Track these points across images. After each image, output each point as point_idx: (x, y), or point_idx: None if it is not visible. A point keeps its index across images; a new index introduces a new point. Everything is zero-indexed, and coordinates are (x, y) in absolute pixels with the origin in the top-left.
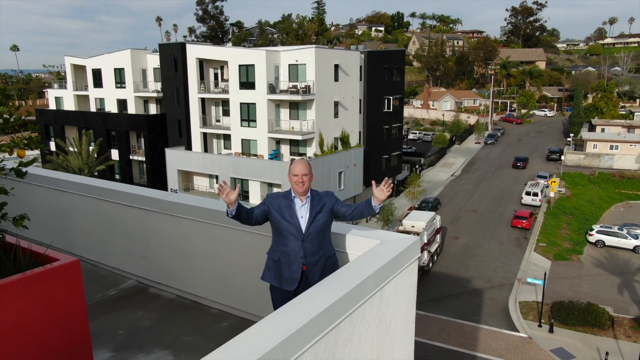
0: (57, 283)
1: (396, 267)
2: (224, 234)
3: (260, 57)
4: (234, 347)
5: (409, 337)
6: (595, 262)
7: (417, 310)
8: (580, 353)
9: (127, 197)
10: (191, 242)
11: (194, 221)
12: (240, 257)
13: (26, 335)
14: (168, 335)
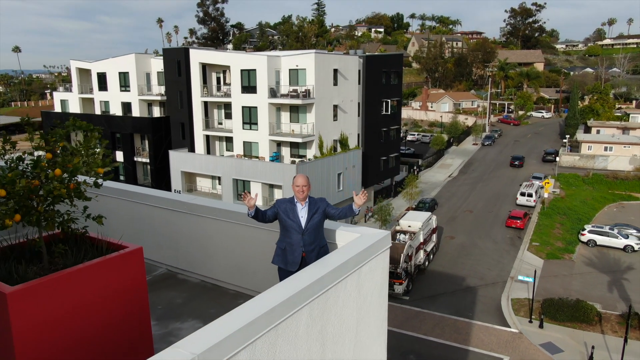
0: (127, 264)
1: (371, 253)
2: (239, 230)
3: (262, 62)
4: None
5: (383, 307)
6: (586, 261)
7: (413, 307)
8: (568, 347)
9: (159, 200)
10: (212, 237)
11: (215, 220)
12: (251, 248)
13: (107, 302)
14: (196, 309)
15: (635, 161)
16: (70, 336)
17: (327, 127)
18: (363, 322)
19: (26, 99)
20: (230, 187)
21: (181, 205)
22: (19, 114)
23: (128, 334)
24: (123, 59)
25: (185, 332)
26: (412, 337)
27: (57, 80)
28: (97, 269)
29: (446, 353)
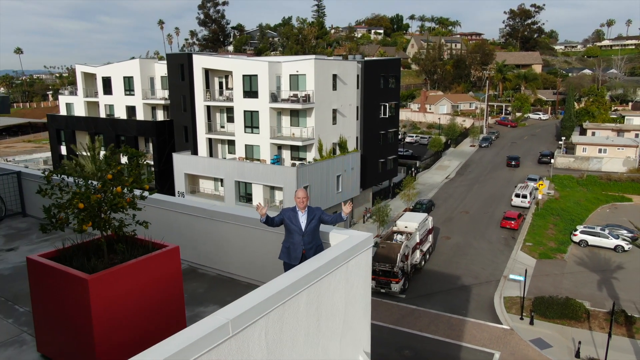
0: (167, 259)
1: (356, 251)
2: (250, 232)
3: (263, 68)
4: (270, 285)
5: (367, 294)
6: (577, 261)
7: (409, 305)
8: (557, 343)
9: (183, 207)
10: (228, 238)
11: (230, 224)
12: (260, 247)
13: (153, 287)
14: (215, 297)
15: (628, 163)
16: (127, 310)
17: (326, 131)
18: (350, 304)
19: (28, 100)
20: (233, 189)
21: (202, 212)
22: (20, 115)
23: (168, 312)
24: (128, 64)
25: (208, 314)
26: (408, 334)
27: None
28: (146, 263)
29: (440, 349)
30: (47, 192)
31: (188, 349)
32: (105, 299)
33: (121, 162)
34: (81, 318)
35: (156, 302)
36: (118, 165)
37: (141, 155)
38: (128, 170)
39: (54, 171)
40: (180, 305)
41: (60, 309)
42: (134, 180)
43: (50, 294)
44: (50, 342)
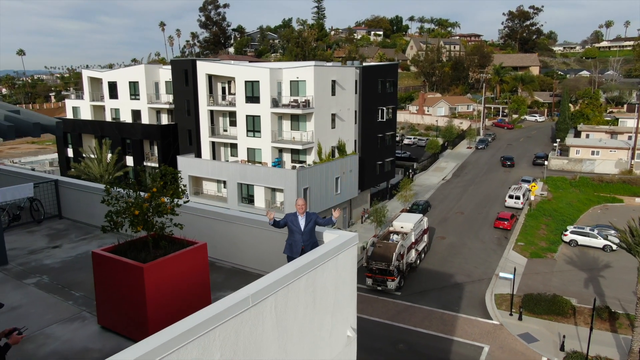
0: (198, 253)
1: (344, 247)
2: (259, 232)
3: (265, 74)
4: (278, 271)
5: (353, 281)
6: (567, 260)
7: (404, 302)
8: (544, 337)
9: (205, 212)
10: (241, 237)
11: (243, 225)
12: (268, 244)
13: (187, 275)
14: (232, 285)
15: (620, 165)
16: (169, 291)
17: (325, 135)
18: (339, 289)
19: (31, 101)
20: (235, 191)
21: (220, 215)
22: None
23: (199, 294)
24: (133, 69)
25: None
26: (402, 328)
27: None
28: (182, 256)
29: (433, 343)
30: (109, 202)
31: (223, 313)
32: (155, 283)
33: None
34: (137, 297)
35: (189, 286)
36: (161, 181)
37: (178, 172)
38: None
39: (111, 185)
40: (207, 289)
41: (119, 290)
42: (173, 192)
43: (110, 278)
44: (109, 316)
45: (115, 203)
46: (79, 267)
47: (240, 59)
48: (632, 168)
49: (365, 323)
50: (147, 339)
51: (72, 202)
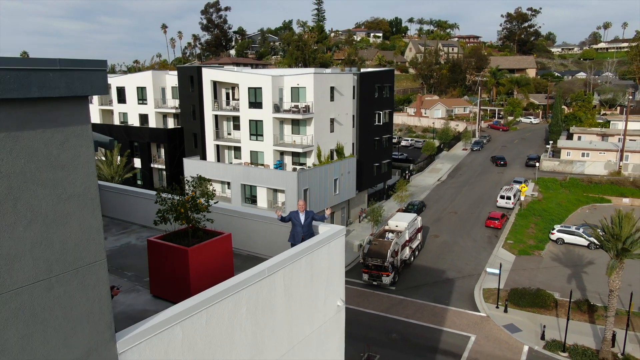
0: (225, 241)
1: (334, 237)
2: (268, 226)
3: (267, 81)
4: (283, 253)
5: (342, 263)
6: (553, 257)
7: (398, 296)
8: (526, 328)
9: (226, 210)
10: (254, 229)
11: (256, 221)
12: (275, 235)
13: (217, 258)
14: (249, 266)
15: (609, 166)
16: (205, 268)
17: (324, 138)
18: (330, 268)
19: None
20: (239, 192)
21: (238, 213)
22: None
23: (225, 272)
24: (141, 75)
25: None
26: (396, 320)
27: None
28: (214, 242)
29: (423, 333)
30: (161, 202)
31: (249, 279)
32: (195, 262)
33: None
34: (183, 272)
35: (219, 265)
36: (200, 187)
37: (209, 180)
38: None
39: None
40: (231, 268)
41: (168, 268)
42: (207, 195)
43: (161, 259)
44: (159, 287)
45: (165, 203)
46: (125, 255)
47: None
48: (621, 169)
49: (362, 315)
50: (197, 294)
51: (110, 203)
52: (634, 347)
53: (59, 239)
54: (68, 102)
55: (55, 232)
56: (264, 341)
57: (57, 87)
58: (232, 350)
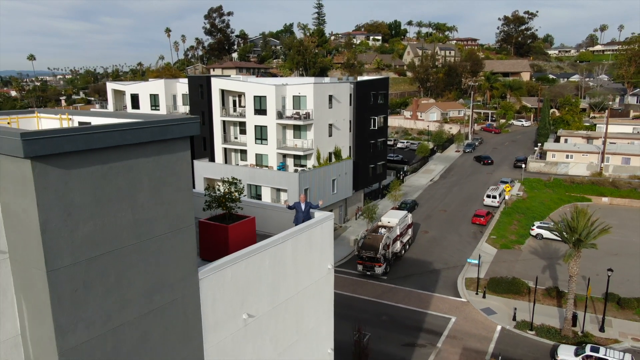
0: (251, 223)
1: (325, 220)
2: (278, 213)
3: (271, 90)
4: (287, 231)
5: (330, 239)
6: (531, 250)
7: (389, 284)
8: (501, 311)
9: (249, 203)
10: (269, 215)
11: (268, 210)
12: (283, 219)
13: (246, 233)
14: None
15: (591, 167)
16: (239, 239)
17: (323, 142)
18: (323, 240)
19: (42, 105)
20: (245, 191)
21: (256, 204)
22: None
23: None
24: (153, 83)
25: None
26: (387, 305)
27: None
28: (244, 222)
29: (410, 315)
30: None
31: (270, 243)
32: (232, 235)
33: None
34: (224, 241)
35: (247, 238)
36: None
37: (239, 179)
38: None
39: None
40: (255, 240)
41: (213, 239)
42: (238, 191)
43: (209, 233)
44: (207, 253)
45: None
46: None
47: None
48: (602, 170)
49: (356, 300)
50: (236, 252)
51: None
52: (593, 327)
53: (174, 212)
54: (181, 140)
55: (173, 208)
56: (279, 285)
57: (177, 132)
58: (259, 287)
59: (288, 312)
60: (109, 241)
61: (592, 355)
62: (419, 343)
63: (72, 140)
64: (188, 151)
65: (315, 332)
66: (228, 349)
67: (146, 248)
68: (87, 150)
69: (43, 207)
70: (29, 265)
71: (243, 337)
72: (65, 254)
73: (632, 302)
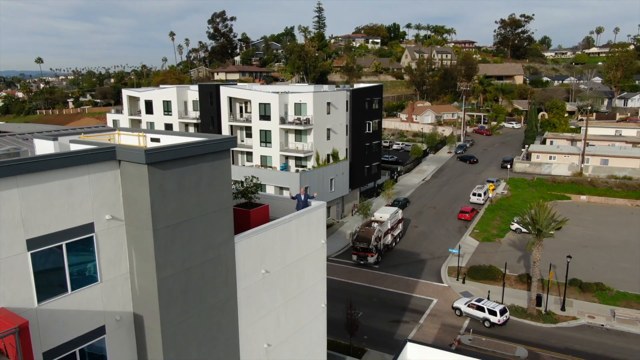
0: (265, 209)
1: (320, 207)
2: (284, 202)
3: (274, 98)
4: (292, 215)
5: (323, 220)
6: (510, 243)
7: (380, 272)
8: (477, 294)
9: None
10: (277, 205)
11: (277, 201)
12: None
13: (262, 215)
14: None
15: (573, 168)
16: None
17: (322, 145)
18: (318, 224)
19: (50, 107)
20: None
21: (269, 196)
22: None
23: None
24: (166, 91)
25: None
26: (377, 289)
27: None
28: (261, 208)
29: (397, 298)
30: (236, 188)
31: (281, 222)
32: (254, 216)
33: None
34: (246, 220)
35: (263, 218)
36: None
37: (255, 177)
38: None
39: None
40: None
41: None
42: (257, 186)
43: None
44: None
45: (237, 189)
46: None
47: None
48: (582, 170)
49: (350, 286)
50: (256, 227)
51: None
52: (555, 307)
53: (221, 198)
54: (223, 152)
55: (220, 195)
56: (286, 252)
57: (224, 147)
58: (272, 252)
59: (293, 272)
60: (185, 214)
61: (474, 304)
62: (404, 320)
63: (166, 154)
64: (229, 159)
65: (312, 289)
66: (252, 293)
67: (204, 220)
68: (174, 159)
69: (152, 193)
70: (141, 227)
71: (262, 286)
72: (162, 220)
73: (592, 286)
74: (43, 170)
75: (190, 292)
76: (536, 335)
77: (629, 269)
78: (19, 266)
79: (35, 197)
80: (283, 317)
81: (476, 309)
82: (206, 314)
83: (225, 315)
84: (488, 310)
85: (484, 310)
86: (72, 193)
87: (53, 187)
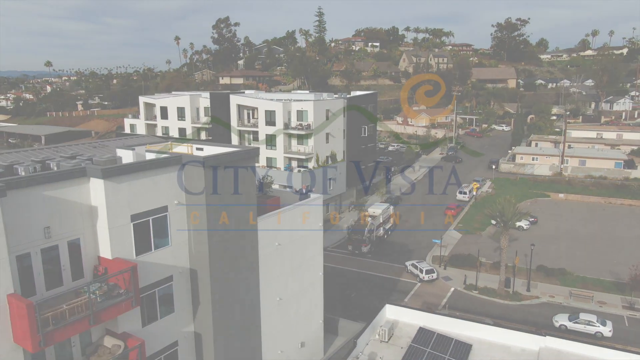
0: (277, 199)
1: (318, 199)
2: (291, 195)
3: (279, 106)
4: (295, 204)
5: (320, 209)
6: (490, 235)
7: (372, 260)
8: (456, 278)
9: (275, 190)
10: (286, 197)
11: (287, 192)
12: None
13: (273, 207)
14: None
15: (553, 168)
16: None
17: (321, 148)
18: (315, 213)
19: (60, 109)
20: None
21: (278, 190)
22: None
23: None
24: (181, 98)
25: None
26: (370, 274)
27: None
28: (274, 199)
29: (386, 281)
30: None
31: (289, 208)
32: (270, 202)
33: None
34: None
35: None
36: (268, 178)
37: (270, 175)
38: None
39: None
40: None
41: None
42: (271, 182)
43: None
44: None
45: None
46: None
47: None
48: (562, 171)
49: (346, 272)
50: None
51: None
52: (522, 289)
53: (249, 192)
54: (251, 159)
55: (249, 191)
56: (292, 232)
57: (250, 155)
58: (282, 230)
59: (298, 245)
60: (227, 200)
61: (415, 264)
62: (391, 299)
63: (216, 161)
64: (254, 164)
65: (312, 260)
66: (268, 259)
67: (239, 206)
68: (220, 165)
69: (206, 185)
70: (198, 204)
71: (275, 255)
72: (211, 202)
73: (555, 271)
74: (142, 170)
75: (229, 255)
76: (501, 310)
77: (591, 257)
78: (127, 232)
79: (136, 188)
80: (290, 279)
81: (414, 268)
82: (239, 271)
83: (252, 272)
84: (420, 270)
85: (417, 269)
86: (156, 186)
87: (146, 182)
